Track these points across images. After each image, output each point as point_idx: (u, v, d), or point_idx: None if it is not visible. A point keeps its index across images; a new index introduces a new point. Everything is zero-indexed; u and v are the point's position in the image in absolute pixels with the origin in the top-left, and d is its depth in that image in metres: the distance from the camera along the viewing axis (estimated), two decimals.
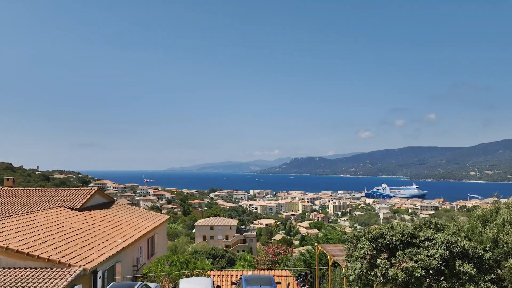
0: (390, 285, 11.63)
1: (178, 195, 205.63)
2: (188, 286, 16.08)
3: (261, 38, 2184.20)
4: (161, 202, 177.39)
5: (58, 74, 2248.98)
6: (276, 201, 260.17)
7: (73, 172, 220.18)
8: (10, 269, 15.57)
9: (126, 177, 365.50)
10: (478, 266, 11.39)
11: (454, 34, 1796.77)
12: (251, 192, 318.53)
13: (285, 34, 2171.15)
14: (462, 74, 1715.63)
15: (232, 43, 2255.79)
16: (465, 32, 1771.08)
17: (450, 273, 11.30)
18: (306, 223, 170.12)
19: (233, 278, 22.37)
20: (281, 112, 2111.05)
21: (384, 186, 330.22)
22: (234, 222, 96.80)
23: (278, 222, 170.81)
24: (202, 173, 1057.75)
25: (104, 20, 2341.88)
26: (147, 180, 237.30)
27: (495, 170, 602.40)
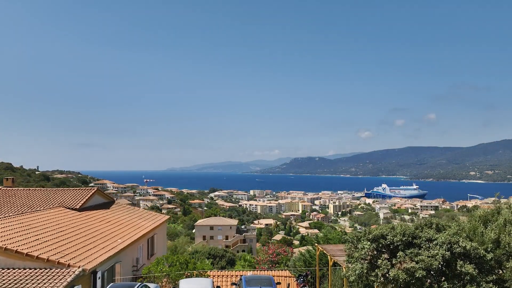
0: (391, 285, 11.57)
1: (178, 195, 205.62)
2: (188, 286, 16.01)
3: (261, 38, 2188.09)
4: (161, 202, 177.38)
5: (58, 74, 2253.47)
6: (276, 201, 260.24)
7: (73, 172, 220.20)
8: (9, 269, 15.52)
9: (126, 177, 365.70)
10: (480, 267, 11.33)
11: (454, 34, 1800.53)
12: (251, 192, 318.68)
13: (285, 34, 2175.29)
14: (462, 74, 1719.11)
15: (232, 43, 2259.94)
16: (465, 32, 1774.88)
17: (452, 273, 11.24)
18: (306, 223, 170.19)
19: (233, 278, 22.32)
20: (281, 112, 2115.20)
21: (384, 186, 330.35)
22: (234, 222, 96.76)
23: (278, 222, 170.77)
24: (202, 173, 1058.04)
25: (104, 20, 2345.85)
26: (147, 180, 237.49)
27: (495, 170, 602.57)
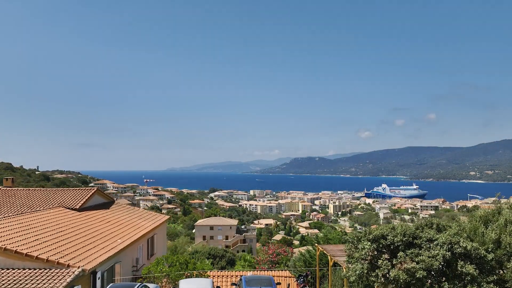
0: (392, 286, 11.55)
1: (178, 195, 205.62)
2: (187, 287, 15.98)
3: (261, 38, 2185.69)
4: (161, 202, 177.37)
5: (58, 74, 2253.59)
6: (276, 201, 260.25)
7: (73, 172, 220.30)
8: (8, 269, 15.49)
9: (126, 177, 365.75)
10: (480, 267, 11.30)
11: (454, 34, 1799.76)
12: (251, 192, 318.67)
13: (285, 33, 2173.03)
14: (462, 74, 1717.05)
15: (232, 43, 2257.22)
16: (465, 31, 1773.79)
17: (452, 274, 11.21)
18: (306, 223, 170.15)
19: (233, 278, 22.30)
20: (281, 112, 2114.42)
21: (384, 186, 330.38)
22: (234, 222, 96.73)
23: (278, 222, 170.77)
24: (202, 173, 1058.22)
25: (104, 19, 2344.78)
26: (147, 180, 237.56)
27: (495, 170, 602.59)
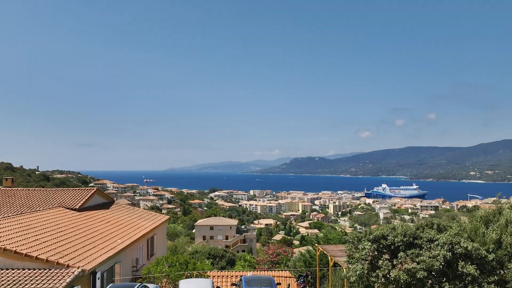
0: (392, 286, 11.50)
1: (178, 195, 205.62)
2: (187, 287, 15.96)
3: (261, 38, 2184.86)
4: (161, 202, 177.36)
5: (58, 73, 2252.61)
6: (276, 201, 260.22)
7: (73, 172, 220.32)
8: (8, 270, 15.46)
9: (126, 177, 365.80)
10: (481, 268, 11.27)
11: (454, 34, 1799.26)
12: (251, 192, 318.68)
13: (285, 33, 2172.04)
14: (462, 74, 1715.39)
15: (232, 43, 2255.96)
16: (465, 31, 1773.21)
17: (453, 274, 11.18)
18: (306, 223, 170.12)
19: (233, 279, 22.27)
20: (281, 112, 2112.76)
21: (384, 186, 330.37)
22: (234, 222, 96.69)
23: (278, 222, 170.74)
24: (202, 173, 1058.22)
25: (104, 19, 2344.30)
26: (147, 180, 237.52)
27: (495, 170, 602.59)
